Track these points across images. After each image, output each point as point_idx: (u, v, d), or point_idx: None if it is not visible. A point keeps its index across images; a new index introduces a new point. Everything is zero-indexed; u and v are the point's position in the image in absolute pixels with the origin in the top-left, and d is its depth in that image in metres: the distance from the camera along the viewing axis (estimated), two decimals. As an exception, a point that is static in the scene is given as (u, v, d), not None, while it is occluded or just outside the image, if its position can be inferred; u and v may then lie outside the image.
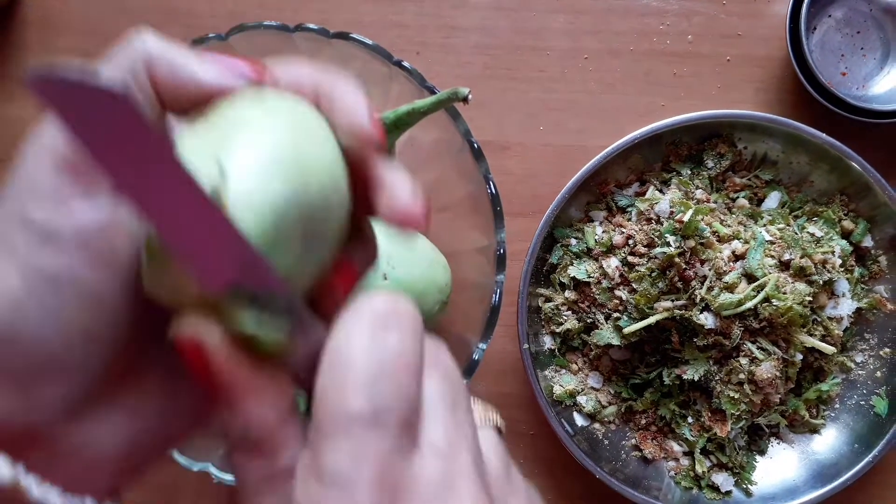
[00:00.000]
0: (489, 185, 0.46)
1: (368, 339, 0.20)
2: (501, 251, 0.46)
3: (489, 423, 0.25)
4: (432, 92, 0.46)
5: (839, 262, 0.52)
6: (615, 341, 0.52)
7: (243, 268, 0.19)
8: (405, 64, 0.46)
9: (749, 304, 0.48)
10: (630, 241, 0.52)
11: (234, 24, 0.46)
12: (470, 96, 0.42)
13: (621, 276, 0.52)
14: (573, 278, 0.54)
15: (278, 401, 0.21)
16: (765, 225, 0.53)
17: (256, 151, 0.21)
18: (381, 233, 0.48)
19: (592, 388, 0.55)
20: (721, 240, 0.51)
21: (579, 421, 0.55)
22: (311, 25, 0.46)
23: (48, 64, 0.17)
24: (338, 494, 0.19)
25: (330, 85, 0.24)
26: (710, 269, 0.49)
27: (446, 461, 0.20)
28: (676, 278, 0.49)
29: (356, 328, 0.21)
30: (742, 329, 0.49)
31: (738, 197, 0.55)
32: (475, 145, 0.46)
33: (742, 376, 0.49)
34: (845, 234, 0.54)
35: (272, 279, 0.20)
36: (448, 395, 0.22)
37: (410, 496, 0.19)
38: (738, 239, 0.51)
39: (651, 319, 0.50)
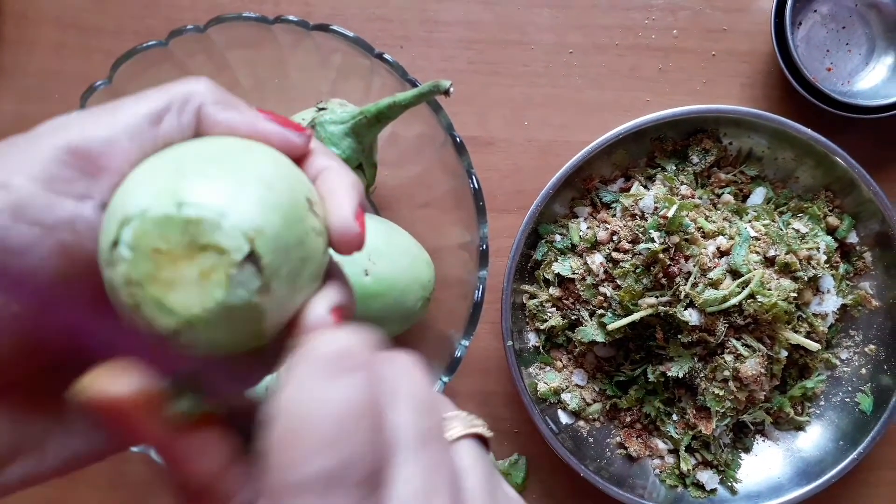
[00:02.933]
0: (472, 180, 0.45)
1: (321, 390, 0.19)
2: (484, 247, 0.46)
3: (472, 429, 0.23)
4: (414, 85, 0.45)
5: (824, 258, 0.51)
6: (600, 338, 0.52)
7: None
8: (387, 57, 0.46)
9: (734, 301, 0.48)
10: (614, 238, 0.52)
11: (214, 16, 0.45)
12: (451, 89, 0.42)
13: (606, 272, 0.52)
14: (557, 275, 0.54)
15: (217, 450, 0.20)
16: (750, 221, 0.53)
17: (254, 186, 0.21)
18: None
19: (577, 385, 0.55)
20: (706, 236, 0.51)
21: (563, 419, 0.55)
22: (291, 17, 0.45)
23: None
24: None
25: (331, 177, 0.25)
26: (694, 266, 0.49)
27: None
28: (661, 274, 0.49)
29: (307, 378, 0.19)
30: (727, 326, 0.49)
31: (723, 193, 0.55)
32: (457, 139, 0.45)
33: (727, 373, 0.49)
34: (830, 231, 0.54)
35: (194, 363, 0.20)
36: (418, 426, 0.20)
37: None
38: (723, 235, 0.51)
39: (635, 316, 0.50)
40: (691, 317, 0.49)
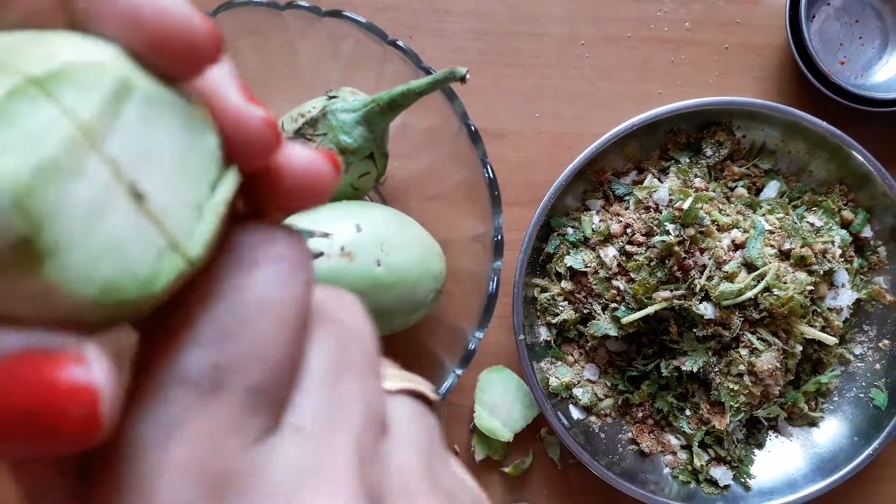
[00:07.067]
0: (486, 169, 0.45)
1: (230, 276, 0.15)
2: (499, 237, 0.45)
3: (410, 384, 0.19)
4: (428, 72, 0.44)
5: (839, 252, 0.51)
6: (612, 332, 0.51)
7: None
8: (400, 43, 0.45)
9: (750, 294, 0.47)
10: (628, 230, 0.51)
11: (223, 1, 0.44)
12: (468, 76, 0.41)
13: (619, 265, 0.51)
14: (570, 268, 0.53)
15: None
16: (763, 214, 0.52)
17: None
18: (375, 219, 0.47)
19: (588, 380, 0.54)
20: (720, 229, 0.50)
21: (575, 414, 0.54)
22: (303, 3, 0.44)
23: None
24: (132, 484, 0.13)
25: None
26: (709, 258, 0.48)
27: (312, 445, 0.15)
28: (675, 268, 0.48)
29: (222, 261, 0.15)
30: (742, 319, 0.48)
31: (736, 186, 0.54)
32: (472, 128, 0.45)
33: (742, 367, 0.48)
34: (844, 225, 0.54)
35: None
36: (336, 361, 0.16)
37: (246, 489, 0.14)
38: (738, 228, 0.50)
39: (650, 309, 0.49)
40: (706, 310, 0.48)
